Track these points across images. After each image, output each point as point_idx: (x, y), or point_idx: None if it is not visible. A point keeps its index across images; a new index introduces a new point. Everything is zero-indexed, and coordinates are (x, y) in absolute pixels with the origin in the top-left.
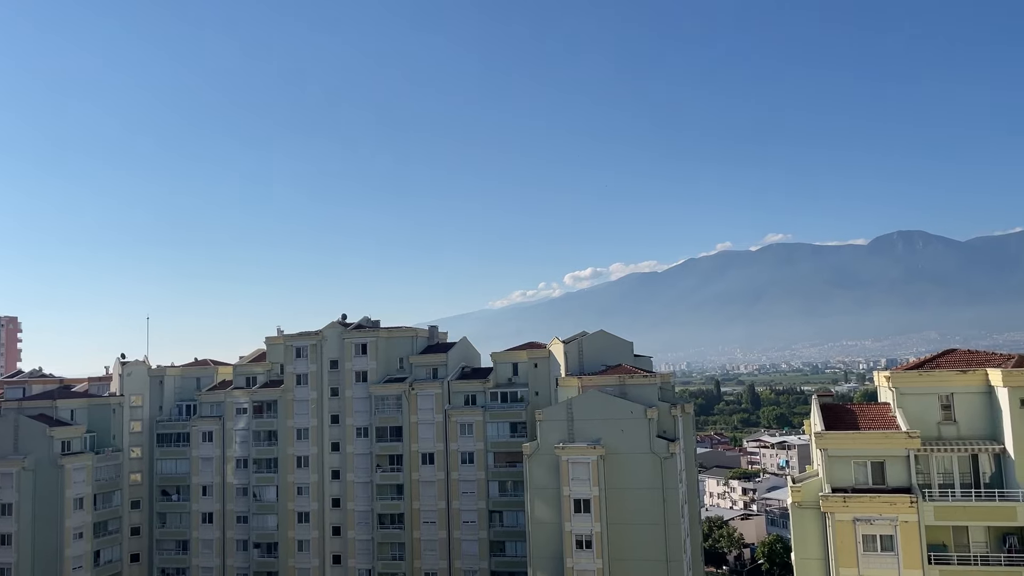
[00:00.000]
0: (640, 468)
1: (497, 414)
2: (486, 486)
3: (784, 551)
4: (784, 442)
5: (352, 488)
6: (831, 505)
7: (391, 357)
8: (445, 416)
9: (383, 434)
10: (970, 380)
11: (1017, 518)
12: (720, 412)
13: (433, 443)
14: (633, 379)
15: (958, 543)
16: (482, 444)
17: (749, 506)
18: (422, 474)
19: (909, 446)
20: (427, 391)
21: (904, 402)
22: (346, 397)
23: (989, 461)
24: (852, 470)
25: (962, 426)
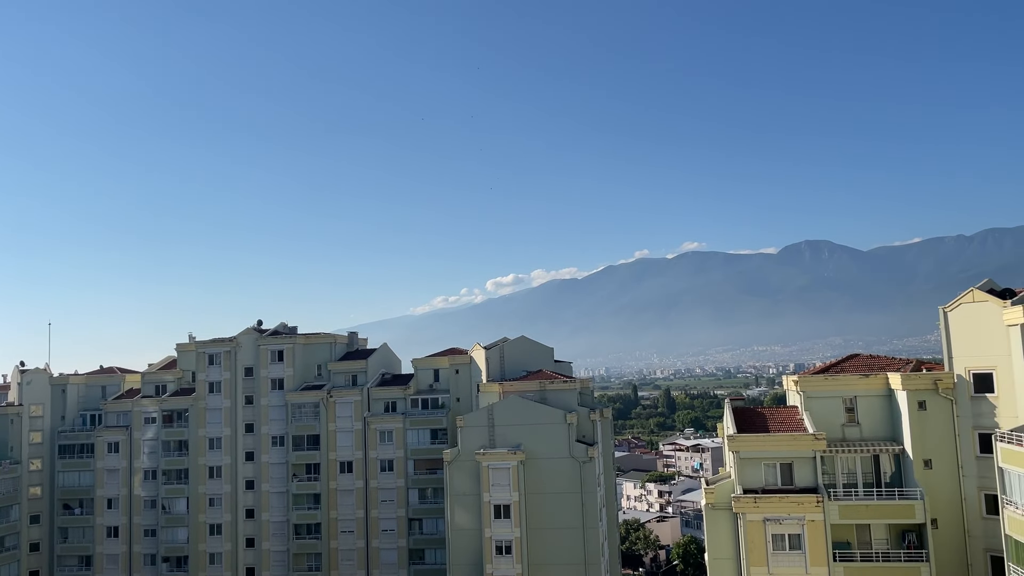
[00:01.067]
0: (560, 472)
1: (418, 421)
2: (406, 494)
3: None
4: (698, 445)
5: (267, 498)
6: (742, 506)
7: (309, 364)
8: (364, 424)
9: (300, 443)
10: (872, 384)
11: (915, 516)
12: (637, 416)
13: (352, 451)
14: (553, 384)
15: (861, 540)
16: (402, 451)
17: (665, 508)
18: (340, 483)
19: (815, 448)
20: (346, 398)
21: (811, 405)
22: (261, 405)
23: (889, 461)
24: (763, 471)
25: (864, 428)
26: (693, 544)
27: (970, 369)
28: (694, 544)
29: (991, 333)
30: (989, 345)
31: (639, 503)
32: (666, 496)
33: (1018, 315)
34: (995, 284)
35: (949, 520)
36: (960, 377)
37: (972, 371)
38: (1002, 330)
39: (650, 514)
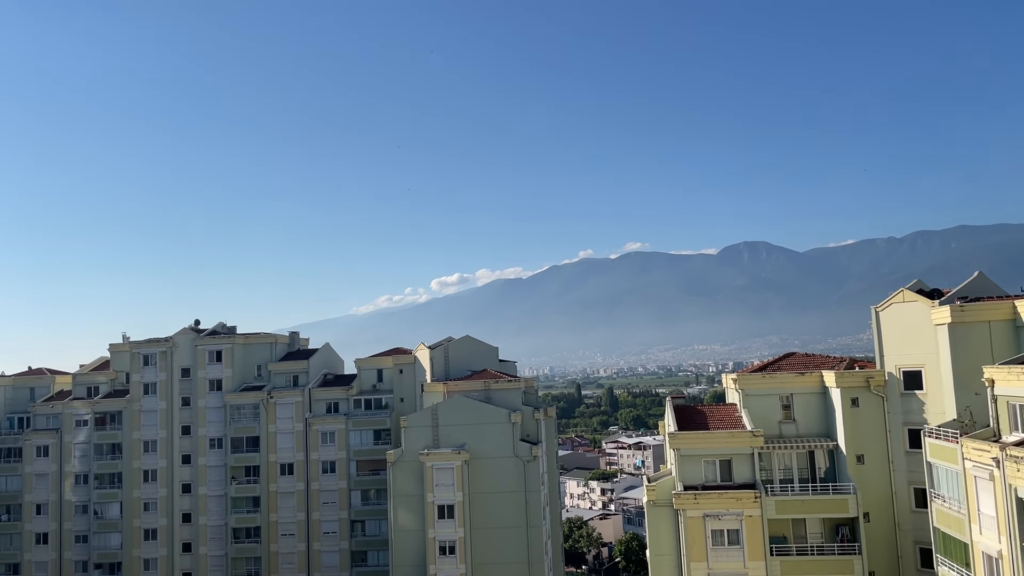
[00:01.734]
0: (504, 472)
1: (360, 422)
2: (348, 495)
3: (640, 548)
4: (640, 443)
5: (205, 502)
6: (683, 502)
7: (248, 365)
8: (306, 425)
9: (239, 445)
10: (807, 382)
11: (848, 510)
12: (581, 415)
13: (293, 453)
14: (498, 384)
15: (797, 535)
16: (344, 453)
17: (607, 506)
18: (280, 485)
19: (753, 444)
20: (287, 399)
21: (749, 403)
22: (199, 407)
23: (824, 457)
24: (703, 468)
25: (800, 424)
26: (635, 541)
27: (900, 367)
28: (636, 541)
29: (920, 332)
30: (918, 344)
31: (582, 501)
32: (609, 494)
33: (945, 315)
34: (924, 285)
35: (880, 513)
36: (891, 375)
37: (902, 369)
38: (930, 329)
39: (593, 512)
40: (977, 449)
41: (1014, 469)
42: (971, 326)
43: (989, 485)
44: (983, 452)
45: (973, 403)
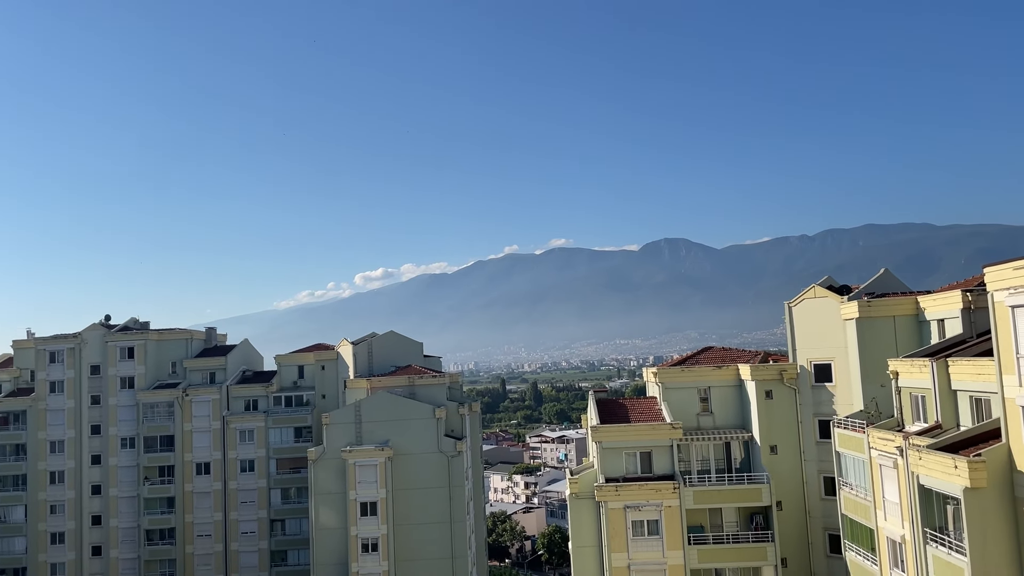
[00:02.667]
0: (428, 468)
1: (281, 419)
2: (268, 494)
3: (563, 541)
4: (564, 436)
5: (116, 504)
6: (605, 494)
7: (162, 361)
8: (223, 423)
9: (152, 444)
10: (724, 375)
11: (762, 499)
12: (505, 409)
13: (209, 452)
14: (422, 380)
15: (713, 524)
16: (264, 451)
17: (531, 499)
18: (196, 485)
19: (673, 436)
20: (203, 397)
21: (668, 396)
22: (109, 405)
23: (739, 448)
24: (624, 460)
25: (717, 416)
26: (558, 534)
27: (811, 360)
28: (559, 534)
29: (830, 327)
30: (828, 338)
31: (506, 495)
32: (532, 487)
33: (853, 310)
34: (834, 281)
35: (792, 502)
36: (803, 368)
37: (813, 362)
38: (839, 324)
39: (516, 506)
40: (882, 439)
41: (916, 458)
42: (877, 321)
43: (893, 473)
44: (888, 441)
45: (879, 395)
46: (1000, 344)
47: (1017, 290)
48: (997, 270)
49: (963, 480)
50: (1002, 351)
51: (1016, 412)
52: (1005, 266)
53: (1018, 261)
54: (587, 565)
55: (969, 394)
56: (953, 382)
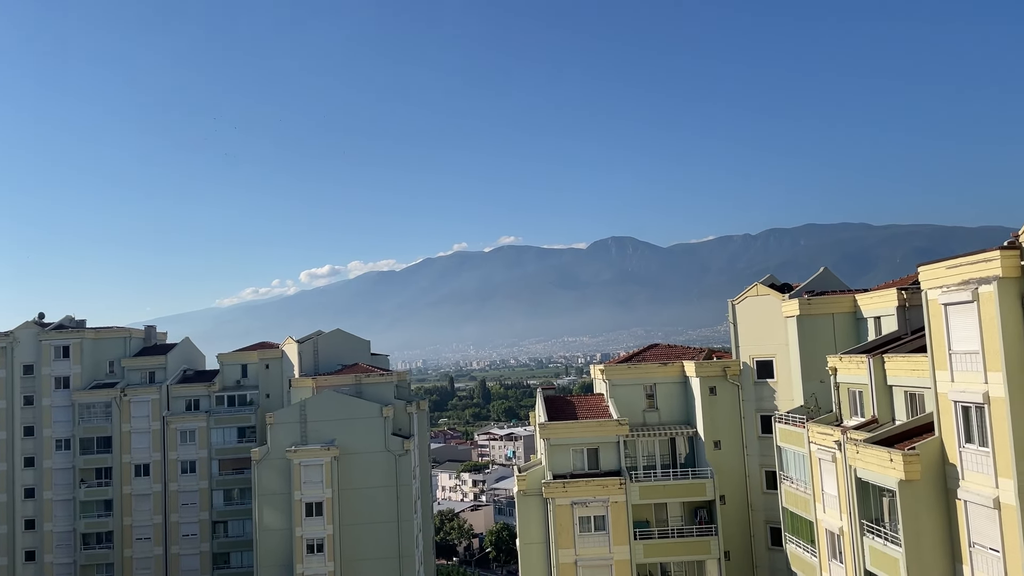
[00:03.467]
0: (375, 467)
1: (223, 419)
2: (210, 496)
3: (510, 538)
4: (512, 434)
5: (50, 507)
6: (552, 491)
7: (99, 361)
8: (163, 423)
9: (89, 446)
10: (669, 372)
11: (706, 493)
12: (454, 407)
13: (149, 453)
14: (369, 378)
15: (659, 519)
16: (206, 452)
17: (479, 497)
18: (135, 487)
19: (619, 432)
20: (142, 397)
21: (615, 392)
22: (43, 406)
23: (684, 443)
24: (571, 457)
25: (663, 413)
26: (506, 531)
27: (754, 357)
28: (507, 531)
29: (772, 324)
30: (770, 335)
31: (454, 493)
32: (480, 485)
33: (794, 308)
34: (776, 279)
35: (735, 496)
36: (745, 364)
37: (756, 359)
38: (781, 321)
39: (465, 504)
40: (821, 433)
41: (854, 452)
42: (817, 318)
43: (832, 466)
44: (826, 436)
45: (819, 390)
46: (933, 341)
47: (950, 289)
48: (931, 269)
49: (898, 473)
50: (935, 348)
51: (948, 407)
52: (938, 265)
53: (951, 260)
54: (535, 562)
55: (904, 389)
56: (889, 378)
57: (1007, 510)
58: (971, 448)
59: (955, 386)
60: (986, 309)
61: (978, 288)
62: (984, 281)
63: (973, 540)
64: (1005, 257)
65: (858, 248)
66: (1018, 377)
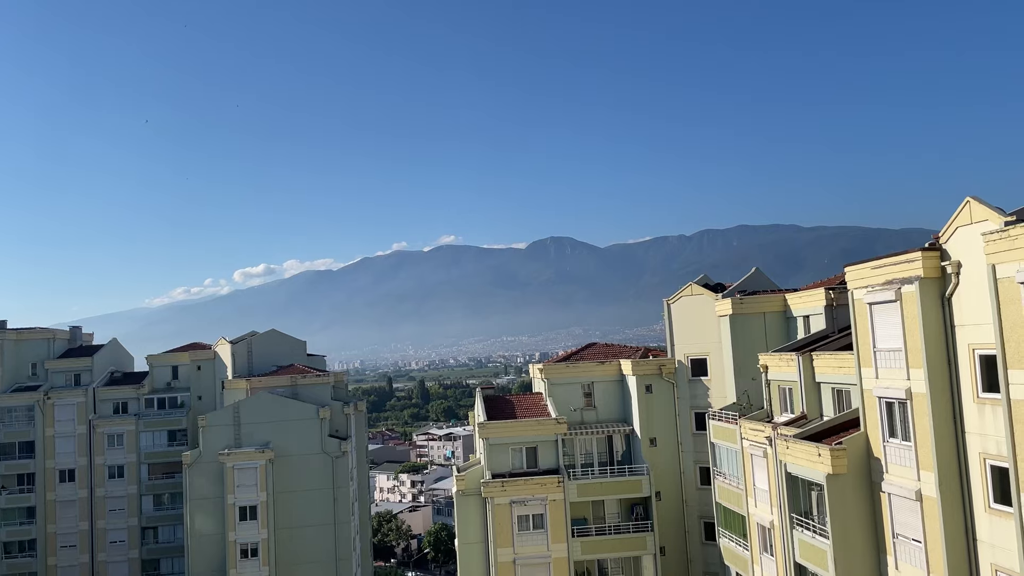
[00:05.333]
0: (312, 469)
1: (153, 422)
2: (139, 501)
3: (449, 538)
4: (451, 434)
5: None
6: (491, 490)
7: (21, 363)
8: (90, 427)
9: (10, 451)
10: (607, 371)
11: (642, 490)
12: (392, 408)
13: (75, 458)
14: (306, 379)
15: (596, 516)
16: (135, 456)
17: (418, 498)
18: (60, 493)
19: (558, 431)
20: (67, 400)
21: (554, 391)
22: None
23: (621, 441)
24: (510, 456)
25: (601, 411)
26: (444, 531)
27: (688, 355)
28: (445, 531)
29: (706, 323)
30: (704, 333)
31: (392, 495)
32: (419, 486)
33: (727, 307)
34: (709, 279)
35: (670, 492)
36: (680, 363)
37: (690, 357)
38: (715, 320)
39: (403, 504)
40: (753, 429)
41: (784, 447)
42: (748, 317)
43: (763, 462)
44: (758, 432)
45: (751, 387)
46: (859, 339)
47: (874, 288)
48: (856, 269)
49: (826, 467)
50: (861, 345)
51: (873, 402)
52: (864, 266)
53: (875, 261)
54: (473, 561)
55: (832, 386)
56: (817, 375)
57: (928, 502)
58: (895, 442)
59: (879, 382)
60: (909, 308)
61: (901, 288)
62: (907, 281)
63: (897, 531)
64: (926, 258)
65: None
66: (938, 374)
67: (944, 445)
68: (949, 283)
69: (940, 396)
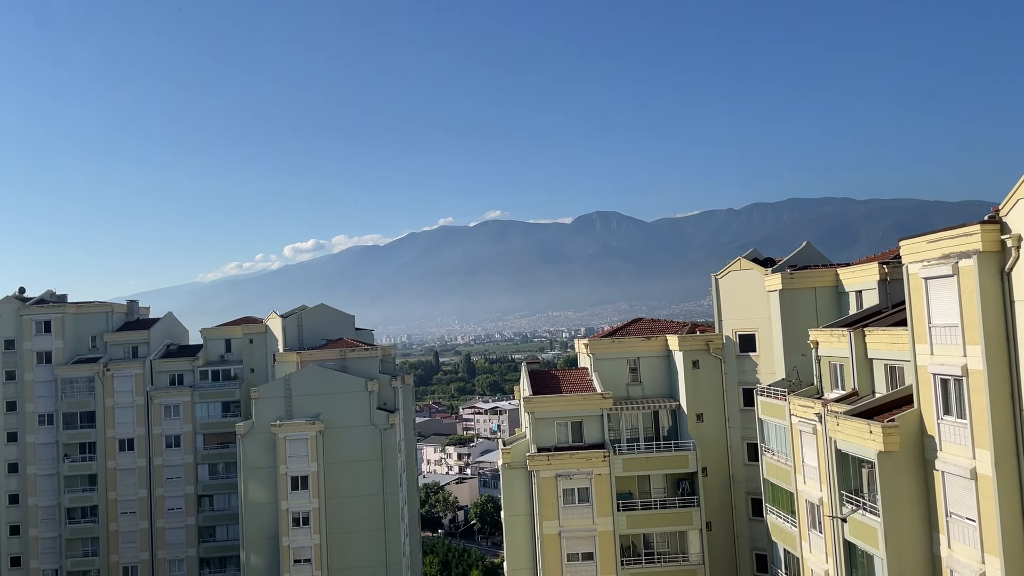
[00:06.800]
0: (361, 441)
1: (208, 394)
2: (195, 470)
3: (495, 510)
4: (497, 408)
5: (34, 481)
6: (536, 463)
7: (81, 336)
8: (147, 398)
9: (72, 420)
10: (653, 346)
11: (689, 465)
12: (439, 382)
13: (133, 427)
14: (354, 353)
15: (642, 490)
16: (191, 426)
17: (464, 470)
18: (120, 462)
19: (603, 406)
20: (125, 372)
21: (599, 366)
22: (25, 381)
23: (667, 416)
24: (555, 430)
25: (646, 386)
26: (490, 503)
27: (737, 331)
28: (491, 503)
29: (754, 298)
30: (753, 309)
31: (439, 467)
32: (465, 458)
33: (777, 282)
34: (759, 254)
35: (717, 468)
36: (728, 338)
37: (738, 332)
38: (764, 295)
39: (450, 476)
40: (802, 406)
41: (834, 424)
42: (799, 292)
43: (813, 438)
44: (808, 408)
45: (800, 364)
46: (914, 314)
47: (930, 263)
48: (912, 243)
49: (877, 444)
50: (915, 321)
51: (927, 379)
52: (919, 239)
53: (932, 235)
54: (519, 533)
55: (884, 362)
56: (869, 351)
57: (983, 480)
58: (949, 420)
59: (934, 359)
60: (966, 283)
61: (958, 262)
62: (964, 255)
63: (950, 510)
64: (985, 231)
65: (841, 223)
66: (996, 350)
67: (1001, 423)
68: (1009, 257)
69: (998, 373)
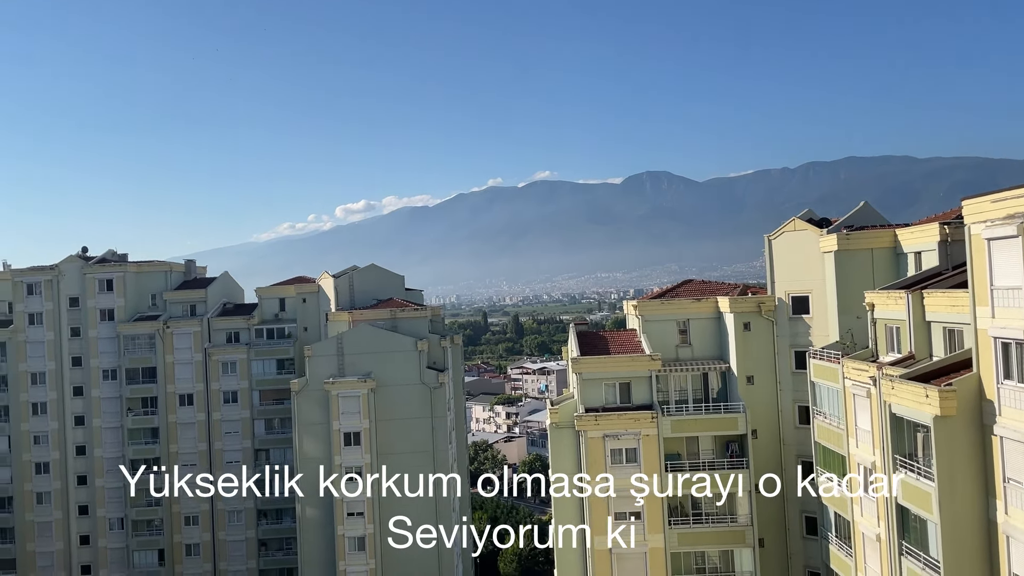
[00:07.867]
0: (411, 399)
1: (263, 351)
2: (251, 425)
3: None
4: (544, 368)
5: (100, 434)
6: (584, 424)
7: (142, 294)
8: (205, 355)
9: (134, 376)
10: (703, 308)
11: (738, 427)
12: (487, 342)
13: (192, 383)
14: (404, 313)
15: (690, 452)
16: (247, 383)
17: (512, 429)
18: (180, 416)
19: (651, 367)
20: (184, 329)
21: (648, 328)
22: (90, 337)
23: (717, 378)
24: (603, 391)
25: (696, 348)
26: (538, 462)
27: (790, 293)
28: (539, 462)
29: (809, 259)
30: (807, 270)
31: (488, 425)
32: (513, 417)
33: (832, 243)
34: (814, 214)
35: (767, 430)
36: (781, 300)
37: (791, 294)
38: (818, 257)
39: (498, 435)
40: (856, 369)
41: (889, 387)
42: (855, 254)
43: (866, 402)
44: (862, 372)
45: (855, 326)
46: (975, 277)
47: (994, 223)
48: (976, 203)
49: (934, 408)
50: (977, 283)
51: (988, 343)
52: (983, 199)
53: (996, 194)
54: (566, 492)
55: (943, 325)
56: (928, 314)
57: None
58: (1009, 384)
59: (996, 322)
60: None
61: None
62: None
63: (1008, 476)
64: None
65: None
66: None
67: None
68: None
69: None
